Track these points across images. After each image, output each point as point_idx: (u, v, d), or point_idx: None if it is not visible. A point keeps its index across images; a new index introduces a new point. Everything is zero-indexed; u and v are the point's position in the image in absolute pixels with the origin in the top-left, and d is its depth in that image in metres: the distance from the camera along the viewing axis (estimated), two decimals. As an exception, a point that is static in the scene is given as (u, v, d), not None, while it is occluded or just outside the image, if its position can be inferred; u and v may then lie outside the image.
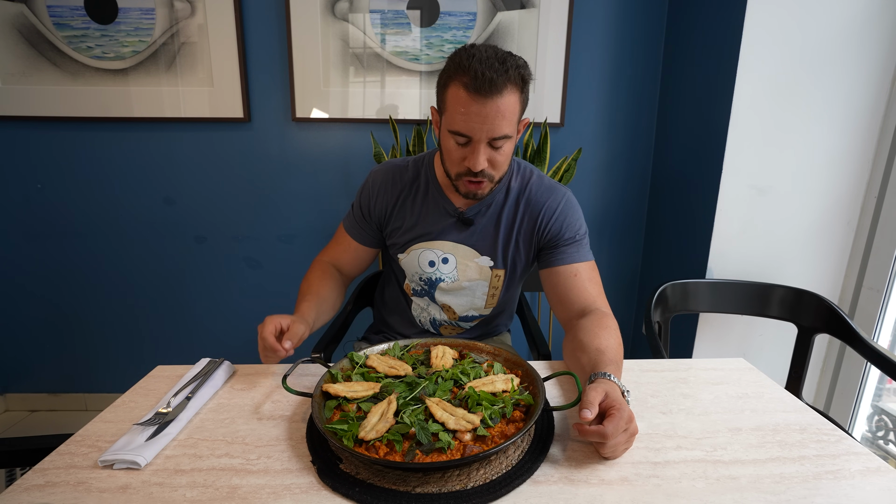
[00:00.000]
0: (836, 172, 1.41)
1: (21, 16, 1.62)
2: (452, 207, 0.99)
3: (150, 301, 1.93)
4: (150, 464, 0.62)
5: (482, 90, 0.78)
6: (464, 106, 0.80)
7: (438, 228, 1.00)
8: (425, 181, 1.01)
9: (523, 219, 0.99)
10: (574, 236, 0.96)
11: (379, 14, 1.65)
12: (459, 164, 0.87)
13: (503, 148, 0.85)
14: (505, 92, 0.79)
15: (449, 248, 1.01)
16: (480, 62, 0.78)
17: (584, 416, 0.61)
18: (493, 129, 0.81)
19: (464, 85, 0.79)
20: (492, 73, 0.77)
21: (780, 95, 1.34)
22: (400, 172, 1.02)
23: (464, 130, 0.82)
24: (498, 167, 0.88)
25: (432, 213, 1.00)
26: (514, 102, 0.81)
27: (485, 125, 0.80)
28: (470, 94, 0.79)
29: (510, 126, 0.82)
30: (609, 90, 1.76)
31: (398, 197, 1.01)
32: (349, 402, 0.69)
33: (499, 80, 0.78)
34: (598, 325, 0.82)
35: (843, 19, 1.29)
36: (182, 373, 0.84)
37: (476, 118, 0.80)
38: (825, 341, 1.56)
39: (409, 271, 1.05)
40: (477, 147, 0.83)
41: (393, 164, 1.04)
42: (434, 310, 1.08)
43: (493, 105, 0.79)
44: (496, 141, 0.83)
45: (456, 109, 0.81)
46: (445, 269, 1.02)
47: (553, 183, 1.01)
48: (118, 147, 1.76)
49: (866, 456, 0.65)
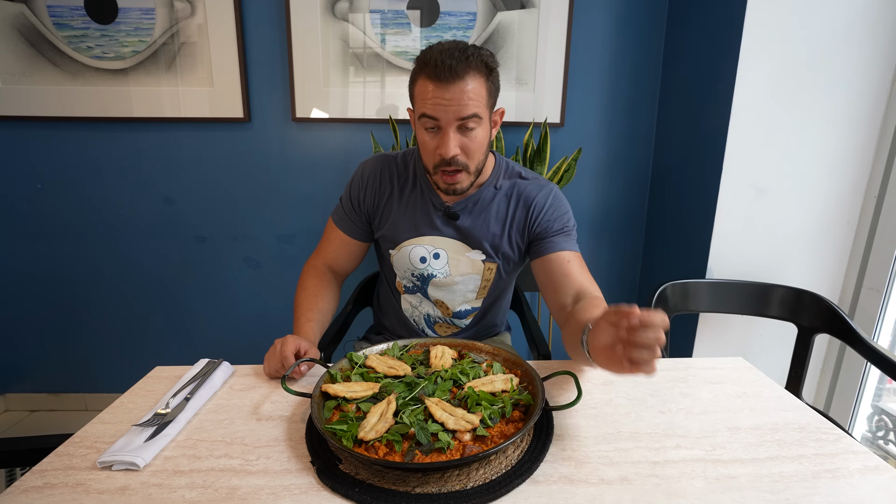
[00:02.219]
0: (836, 172, 1.41)
1: (21, 16, 1.62)
2: (439, 201, 1.00)
3: (149, 301, 1.93)
4: (149, 465, 0.62)
5: (443, 76, 0.82)
6: (430, 93, 0.83)
7: (428, 223, 1.01)
8: (413, 174, 1.02)
9: (515, 211, 1.00)
10: (563, 227, 0.98)
11: (379, 14, 1.65)
12: (434, 155, 0.89)
13: (474, 132, 0.87)
14: (467, 76, 0.82)
15: (440, 244, 1.01)
16: (441, 52, 0.82)
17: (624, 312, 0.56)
18: (459, 111, 0.83)
19: (427, 76, 0.83)
20: (451, 61, 0.81)
21: (780, 95, 1.34)
22: (390, 164, 1.03)
23: (431, 113, 0.85)
24: (471, 154, 0.89)
25: (421, 206, 1.01)
26: (478, 86, 0.84)
27: (450, 107, 0.83)
28: (433, 81, 0.83)
29: (477, 107, 0.84)
30: (609, 90, 1.76)
31: (388, 188, 1.02)
32: (348, 402, 0.69)
33: (458, 66, 0.81)
34: (592, 305, 0.82)
35: (844, 19, 1.29)
36: (181, 373, 0.84)
37: (441, 101, 0.83)
38: (825, 341, 1.56)
39: (400, 268, 1.06)
40: (447, 132, 0.85)
41: (383, 156, 1.05)
42: (427, 306, 1.08)
43: (456, 88, 0.82)
44: (465, 121, 0.85)
45: (423, 98, 0.85)
46: (437, 264, 1.02)
47: (540, 178, 1.03)
48: (118, 147, 1.76)
49: (865, 455, 0.65)
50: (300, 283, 1.03)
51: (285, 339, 0.84)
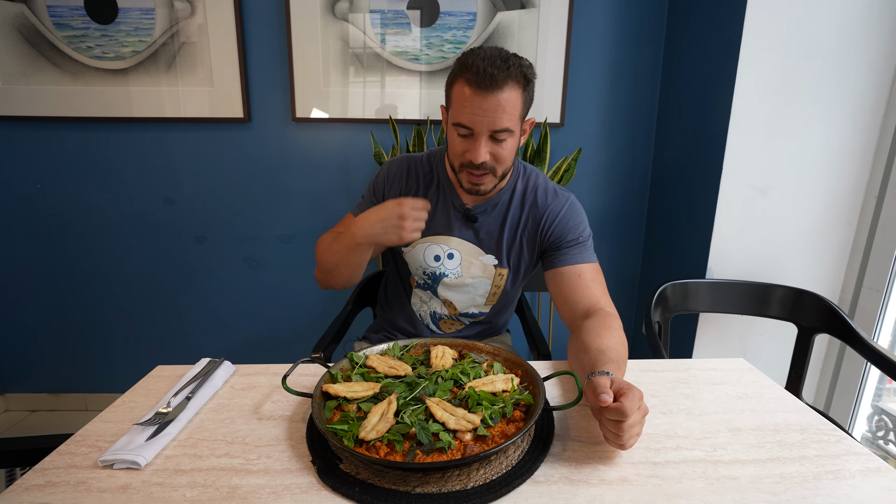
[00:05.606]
0: (836, 172, 1.41)
1: (21, 16, 1.62)
2: (460, 203, 1.01)
3: (150, 301, 1.93)
4: (150, 464, 0.62)
5: (483, 85, 0.82)
6: (467, 100, 0.84)
7: (446, 223, 1.02)
8: (437, 176, 1.03)
9: (527, 220, 1.00)
10: (577, 238, 0.98)
11: (379, 14, 1.65)
12: (462, 156, 0.90)
13: (506, 142, 0.88)
14: (506, 87, 0.82)
15: (455, 245, 1.02)
16: (483, 60, 0.82)
17: (602, 401, 0.60)
18: (494, 122, 0.84)
19: (467, 81, 0.83)
20: (493, 70, 0.81)
21: (780, 95, 1.34)
22: (415, 164, 1.05)
23: (466, 122, 0.85)
24: (501, 161, 0.90)
25: (441, 207, 1.02)
26: (515, 98, 0.84)
27: (486, 118, 0.84)
28: (472, 88, 0.83)
29: (511, 120, 0.85)
30: (609, 90, 1.76)
31: (414, 187, 1.03)
32: (349, 402, 0.69)
33: (499, 75, 0.81)
34: (602, 325, 0.83)
35: (844, 19, 1.29)
36: (182, 373, 0.84)
37: (478, 111, 0.83)
38: (825, 341, 1.56)
39: (413, 265, 1.06)
40: (479, 139, 0.86)
41: (409, 155, 1.06)
42: (435, 303, 1.09)
43: (493, 99, 0.82)
44: (498, 133, 0.86)
45: (460, 104, 0.85)
46: (450, 264, 1.03)
47: (558, 188, 1.03)
48: (118, 147, 1.76)
49: (866, 456, 0.65)
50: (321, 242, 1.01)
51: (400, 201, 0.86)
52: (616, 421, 0.60)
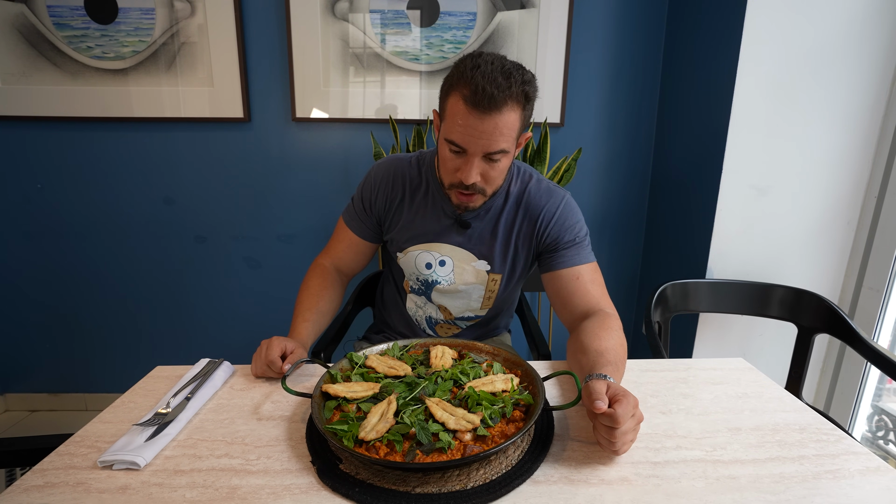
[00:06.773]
0: (836, 172, 1.41)
1: (21, 16, 1.62)
2: (450, 209, 0.97)
3: (149, 301, 1.93)
4: (150, 464, 0.62)
5: (481, 105, 0.76)
6: (462, 118, 0.79)
7: (437, 229, 0.99)
8: (426, 181, 1.00)
9: (522, 223, 0.98)
10: (574, 239, 0.95)
11: (379, 14, 1.65)
12: (452, 175, 0.86)
13: (499, 163, 0.84)
14: (505, 109, 0.77)
15: (447, 251, 1.00)
16: (483, 75, 0.76)
17: (597, 407, 0.60)
18: (489, 145, 0.80)
19: (463, 97, 0.78)
20: (493, 89, 0.75)
21: (780, 95, 1.34)
22: (402, 167, 1.01)
23: (459, 142, 0.81)
24: (491, 182, 0.87)
25: (431, 212, 0.99)
26: (513, 120, 0.79)
27: (481, 140, 0.79)
28: (468, 107, 0.77)
29: (507, 142, 0.81)
30: (609, 90, 1.76)
31: (400, 193, 1.00)
32: (349, 402, 0.69)
33: (499, 96, 0.76)
34: (600, 327, 0.82)
35: (844, 19, 1.29)
36: (181, 373, 0.84)
37: (473, 132, 0.79)
38: (825, 341, 1.56)
39: (406, 271, 1.05)
40: (471, 160, 0.82)
41: (397, 158, 1.02)
42: (431, 309, 1.08)
43: (490, 121, 0.77)
44: (492, 155, 0.82)
45: (454, 120, 0.80)
46: (442, 271, 1.01)
47: (552, 185, 0.99)
48: (118, 147, 1.76)
49: (866, 455, 0.65)
50: (304, 281, 1.02)
51: (271, 342, 0.82)
52: (609, 427, 0.60)
